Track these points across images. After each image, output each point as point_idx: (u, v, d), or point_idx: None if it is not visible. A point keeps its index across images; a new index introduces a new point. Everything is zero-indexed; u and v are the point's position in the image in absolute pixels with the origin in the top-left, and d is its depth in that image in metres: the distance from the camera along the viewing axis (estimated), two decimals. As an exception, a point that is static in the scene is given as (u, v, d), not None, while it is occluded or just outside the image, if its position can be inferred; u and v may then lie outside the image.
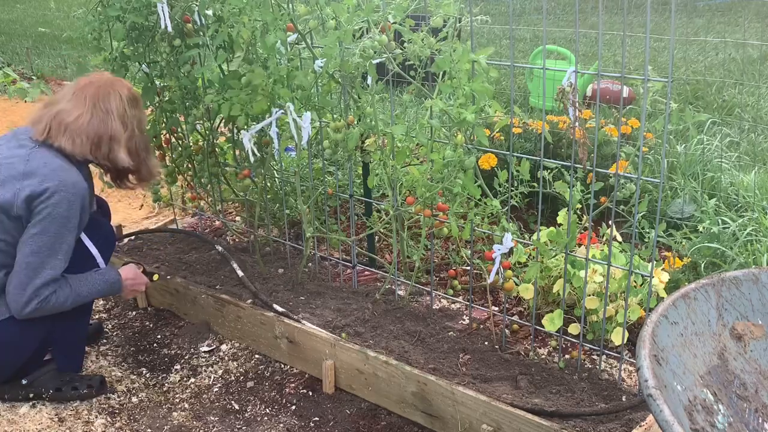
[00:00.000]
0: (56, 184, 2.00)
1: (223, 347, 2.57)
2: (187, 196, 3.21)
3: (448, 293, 2.53)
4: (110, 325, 2.78)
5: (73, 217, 2.04)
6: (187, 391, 2.37)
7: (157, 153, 2.92)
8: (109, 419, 2.22)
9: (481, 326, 2.43)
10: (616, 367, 2.16)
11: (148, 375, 2.46)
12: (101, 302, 2.93)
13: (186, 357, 2.54)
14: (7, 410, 2.22)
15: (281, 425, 2.18)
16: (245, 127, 2.44)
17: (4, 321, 2.07)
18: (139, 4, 2.58)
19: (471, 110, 1.97)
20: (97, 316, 2.83)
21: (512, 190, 2.18)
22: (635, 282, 2.21)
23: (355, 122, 2.35)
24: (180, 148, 2.96)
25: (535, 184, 2.15)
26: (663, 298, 2.13)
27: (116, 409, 2.28)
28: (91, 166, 2.27)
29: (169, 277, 2.73)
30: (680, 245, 2.77)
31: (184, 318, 2.77)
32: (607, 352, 2.16)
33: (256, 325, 2.49)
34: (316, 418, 2.20)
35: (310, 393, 2.32)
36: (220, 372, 2.45)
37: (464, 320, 2.48)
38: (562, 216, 2.14)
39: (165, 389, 2.38)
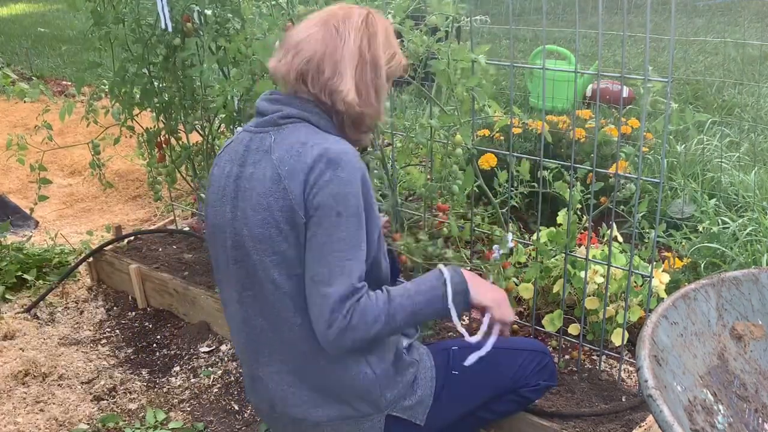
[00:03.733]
0: None
1: (223, 347, 2.57)
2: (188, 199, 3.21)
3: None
4: (110, 326, 2.78)
5: None
6: (187, 391, 2.37)
7: (157, 153, 2.92)
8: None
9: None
10: (616, 367, 2.15)
11: (147, 376, 2.46)
12: (100, 302, 2.93)
13: (185, 357, 2.54)
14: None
15: (281, 426, 2.17)
16: (243, 124, 2.43)
17: None
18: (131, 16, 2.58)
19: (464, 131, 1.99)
20: (97, 317, 2.83)
21: (512, 191, 2.18)
22: (635, 282, 2.21)
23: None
24: (180, 148, 2.96)
25: (535, 184, 2.15)
26: (663, 298, 2.12)
27: (116, 410, 2.28)
28: None
29: None
30: (680, 245, 2.77)
31: (183, 318, 2.76)
32: (607, 352, 2.16)
33: (256, 325, 2.49)
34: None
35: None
36: (219, 372, 2.44)
37: (464, 321, 2.47)
38: (561, 216, 2.14)
39: (165, 390, 2.38)
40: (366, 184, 1.47)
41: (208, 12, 2.51)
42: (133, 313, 2.84)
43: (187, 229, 3.24)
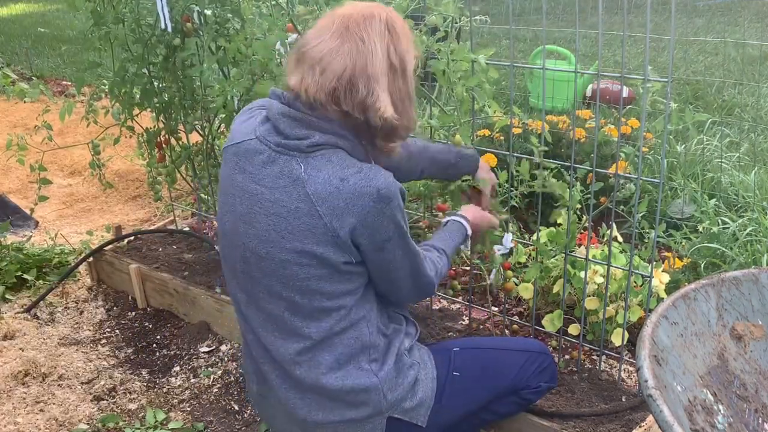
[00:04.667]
0: None
1: (223, 348, 2.57)
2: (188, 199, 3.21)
3: (448, 294, 2.52)
4: (110, 326, 2.77)
5: None
6: (187, 391, 2.37)
7: (157, 153, 2.92)
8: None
9: (481, 327, 2.43)
10: (616, 367, 2.15)
11: (147, 376, 2.46)
12: (100, 302, 2.93)
13: (185, 357, 2.54)
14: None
15: (281, 426, 2.17)
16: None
17: None
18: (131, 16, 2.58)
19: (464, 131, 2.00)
20: (97, 317, 2.83)
21: (512, 191, 2.18)
22: (635, 282, 2.21)
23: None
24: (180, 148, 2.96)
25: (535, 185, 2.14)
26: (663, 298, 2.12)
27: (116, 410, 2.28)
28: None
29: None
30: (680, 245, 2.76)
31: (183, 318, 2.76)
32: (607, 352, 2.16)
33: (256, 325, 2.48)
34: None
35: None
36: (219, 372, 2.44)
37: (464, 321, 2.47)
38: (561, 216, 2.13)
39: (165, 390, 2.38)
40: (403, 192, 1.54)
41: (208, 12, 2.51)
42: (133, 313, 2.84)
43: (187, 229, 3.24)
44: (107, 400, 2.33)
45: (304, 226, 1.43)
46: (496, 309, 2.55)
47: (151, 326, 2.75)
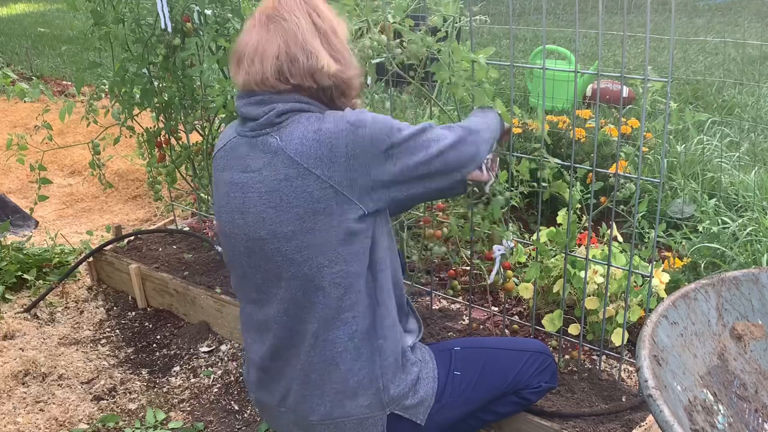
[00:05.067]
0: None
1: (223, 347, 2.57)
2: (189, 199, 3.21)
3: (448, 293, 2.52)
4: (110, 326, 2.77)
5: None
6: (187, 391, 2.37)
7: (157, 153, 2.92)
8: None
9: (481, 326, 2.43)
10: (616, 367, 2.15)
11: (147, 376, 2.46)
12: (100, 302, 2.93)
13: (185, 357, 2.54)
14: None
15: (281, 426, 2.17)
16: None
17: None
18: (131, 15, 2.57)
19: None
20: (97, 317, 2.83)
21: (512, 190, 2.18)
22: (635, 282, 2.21)
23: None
24: (180, 148, 2.96)
25: (535, 184, 2.15)
26: (663, 298, 2.12)
27: (116, 410, 2.28)
28: None
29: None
30: (680, 245, 2.76)
31: (183, 318, 2.77)
32: (607, 352, 2.16)
33: (256, 325, 2.49)
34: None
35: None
36: (219, 372, 2.44)
37: (464, 320, 2.47)
38: (561, 216, 2.14)
39: (165, 390, 2.38)
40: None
41: (208, 12, 2.51)
42: (133, 313, 2.84)
43: (187, 229, 3.24)
44: (107, 400, 2.33)
45: (299, 189, 1.46)
46: (496, 309, 2.56)
47: (151, 326, 2.75)
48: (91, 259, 3.03)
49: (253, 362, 1.68)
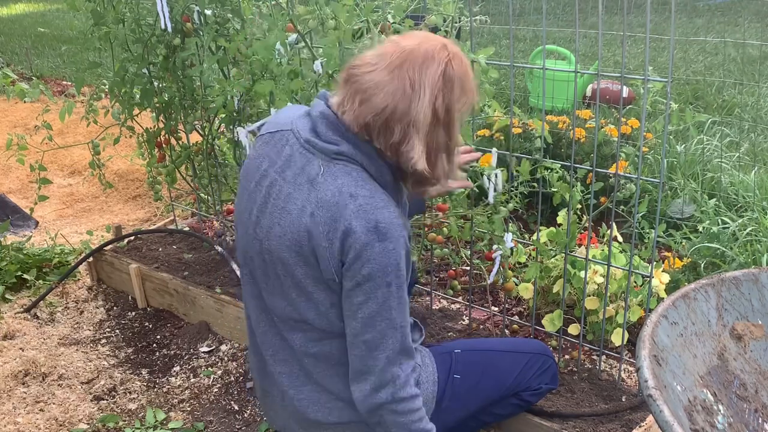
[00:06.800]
0: None
1: (223, 347, 2.57)
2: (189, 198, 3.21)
3: (448, 294, 2.52)
4: (110, 326, 2.77)
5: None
6: (187, 391, 2.37)
7: (157, 153, 2.92)
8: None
9: (481, 327, 2.43)
10: (616, 367, 2.15)
11: (147, 376, 2.46)
12: (100, 302, 2.93)
13: (185, 357, 2.54)
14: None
15: (281, 426, 2.17)
16: (243, 124, 2.44)
17: None
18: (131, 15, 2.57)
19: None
20: (97, 317, 2.83)
21: (512, 191, 2.18)
22: (635, 282, 2.21)
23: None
24: (180, 148, 2.96)
25: (535, 184, 2.15)
26: (663, 298, 2.12)
27: (116, 410, 2.28)
28: None
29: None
30: (680, 245, 2.77)
31: (183, 318, 2.77)
32: (607, 352, 2.16)
33: (256, 325, 2.49)
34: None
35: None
36: (219, 372, 2.44)
37: (464, 321, 2.47)
38: (561, 216, 2.14)
39: (165, 390, 2.38)
40: (407, 248, 1.44)
41: (208, 12, 2.51)
42: (133, 313, 2.84)
43: (187, 229, 3.24)
44: (107, 400, 2.33)
45: (304, 228, 1.42)
46: (496, 309, 2.56)
47: (151, 326, 2.75)
48: (91, 259, 3.03)
49: (253, 362, 1.69)
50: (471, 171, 2.05)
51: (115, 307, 2.90)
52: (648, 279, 2.00)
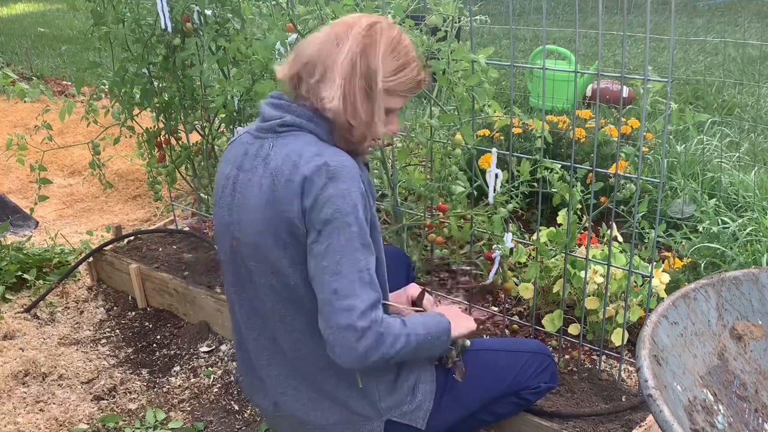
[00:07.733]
0: None
1: (223, 347, 2.57)
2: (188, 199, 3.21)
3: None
4: (110, 326, 2.77)
5: None
6: (187, 391, 2.37)
7: (157, 153, 2.92)
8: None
9: (481, 326, 2.43)
10: (616, 367, 2.15)
11: (147, 376, 2.46)
12: (100, 302, 2.93)
13: (185, 357, 2.54)
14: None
15: (281, 426, 2.17)
16: (243, 124, 2.44)
17: None
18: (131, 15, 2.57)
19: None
20: (97, 317, 2.83)
21: (512, 191, 2.18)
22: (635, 282, 2.21)
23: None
24: (180, 148, 2.96)
25: (535, 184, 2.15)
26: (663, 298, 2.12)
27: (116, 410, 2.28)
28: None
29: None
30: (680, 245, 2.77)
31: (183, 318, 2.76)
32: (607, 352, 2.16)
33: (256, 325, 2.48)
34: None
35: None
36: (219, 372, 2.44)
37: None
38: (561, 216, 2.14)
39: (165, 390, 2.38)
40: (368, 192, 1.47)
41: (208, 12, 2.51)
42: (133, 313, 2.84)
43: (187, 229, 3.24)
44: (107, 400, 2.33)
45: (267, 202, 1.45)
46: (496, 309, 2.56)
47: (151, 326, 2.75)
48: (91, 259, 3.03)
49: (242, 364, 1.70)
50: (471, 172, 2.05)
51: (115, 307, 2.90)
52: (648, 279, 2.00)
